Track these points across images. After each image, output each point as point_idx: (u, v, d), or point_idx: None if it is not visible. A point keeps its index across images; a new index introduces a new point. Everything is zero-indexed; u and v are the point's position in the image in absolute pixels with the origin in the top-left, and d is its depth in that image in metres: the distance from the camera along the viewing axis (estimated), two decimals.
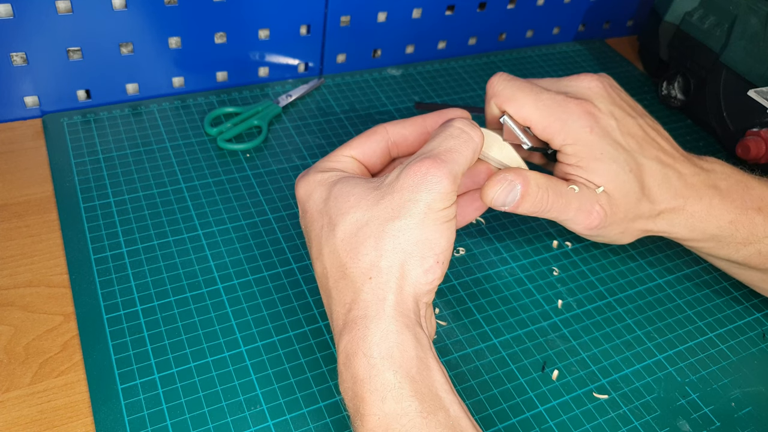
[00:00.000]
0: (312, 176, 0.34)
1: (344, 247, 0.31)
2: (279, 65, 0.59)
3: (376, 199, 0.31)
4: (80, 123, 0.51)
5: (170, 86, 0.56)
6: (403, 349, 0.29)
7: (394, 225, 0.31)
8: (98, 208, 0.45)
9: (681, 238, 0.41)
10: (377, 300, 0.30)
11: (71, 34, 0.49)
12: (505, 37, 0.69)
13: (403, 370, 0.29)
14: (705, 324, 0.44)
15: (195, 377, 0.37)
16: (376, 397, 0.28)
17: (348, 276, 0.31)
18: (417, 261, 0.31)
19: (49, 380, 0.36)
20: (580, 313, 0.44)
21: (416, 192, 0.31)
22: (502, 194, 0.35)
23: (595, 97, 0.38)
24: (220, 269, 0.43)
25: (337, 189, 0.33)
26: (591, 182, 0.37)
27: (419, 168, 0.31)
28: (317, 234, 0.33)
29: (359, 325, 0.30)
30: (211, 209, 0.46)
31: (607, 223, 0.38)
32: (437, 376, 0.30)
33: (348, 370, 0.30)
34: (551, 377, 0.39)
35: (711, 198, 0.39)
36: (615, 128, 0.38)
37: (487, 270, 0.46)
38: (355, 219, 0.31)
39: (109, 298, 0.40)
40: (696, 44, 0.59)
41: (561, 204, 0.36)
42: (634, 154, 0.38)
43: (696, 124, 0.63)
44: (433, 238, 0.31)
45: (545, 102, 0.37)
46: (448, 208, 0.31)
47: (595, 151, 0.37)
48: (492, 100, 0.38)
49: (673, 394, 0.40)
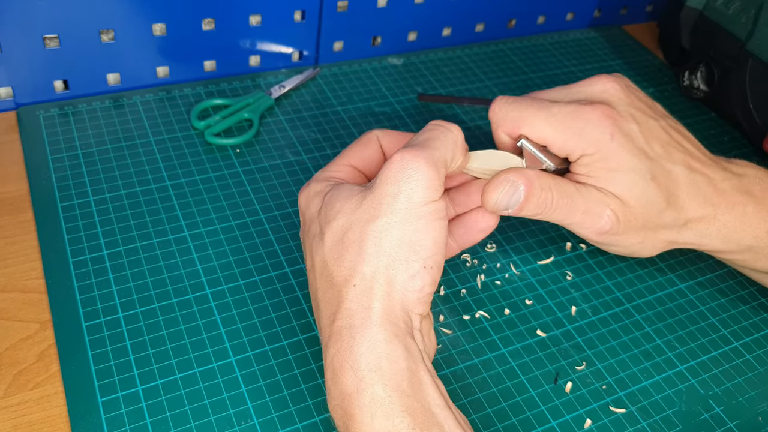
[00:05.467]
0: (312, 186, 0.36)
1: (331, 255, 0.32)
2: (271, 54, 0.59)
3: (359, 201, 0.32)
4: (57, 116, 0.52)
5: (154, 76, 0.56)
6: (392, 360, 0.29)
7: (375, 225, 0.31)
8: (77, 208, 0.45)
9: (713, 250, 0.40)
10: (362, 308, 0.30)
11: (48, 21, 0.49)
12: (514, 24, 0.69)
13: (393, 384, 0.29)
14: (730, 332, 0.44)
15: (181, 389, 0.37)
16: (365, 414, 0.29)
17: (334, 285, 0.31)
18: (401, 266, 0.31)
19: (23, 393, 0.36)
20: (596, 321, 0.44)
21: (395, 184, 0.31)
22: (504, 197, 0.35)
23: (613, 99, 0.38)
24: (208, 273, 0.43)
25: (328, 197, 0.34)
26: (604, 188, 0.37)
27: (396, 158, 0.31)
28: (310, 244, 0.34)
29: (344, 336, 0.30)
30: (199, 209, 0.47)
31: (620, 230, 0.37)
32: (430, 390, 0.30)
33: (336, 386, 0.30)
34: (564, 390, 0.40)
35: (744, 205, 0.39)
36: (638, 133, 0.37)
37: (495, 274, 0.46)
38: (340, 225, 0.32)
39: (89, 304, 0.40)
40: (720, 31, 0.59)
41: (566, 205, 0.36)
42: (660, 160, 0.37)
43: (720, 117, 0.63)
44: (416, 239, 0.31)
45: (557, 116, 0.36)
46: (434, 202, 0.31)
47: (612, 162, 0.36)
48: (499, 129, 0.38)
49: (696, 407, 0.40)
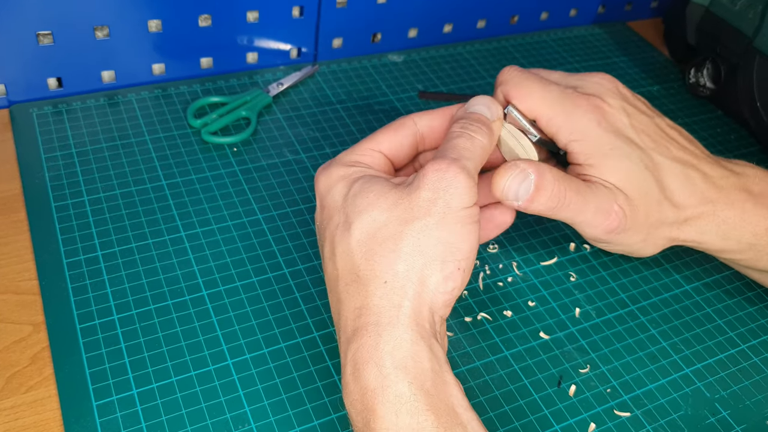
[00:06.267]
0: (334, 169, 0.35)
1: (359, 249, 0.32)
2: (269, 50, 0.59)
3: (395, 199, 0.32)
4: (51, 114, 0.51)
5: (150, 74, 0.56)
6: (417, 360, 0.30)
7: (413, 226, 0.31)
8: (71, 208, 0.45)
9: (714, 249, 0.41)
10: (392, 306, 0.30)
11: (41, 16, 0.49)
12: (517, 20, 0.69)
13: (417, 383, 0.29)
14: (737, 334, 0.44)
15: (177, 393, 0.37)
16: (389, 410, 0.29)
17: (361, 279, 0.31)
18: (437, 266, 0.31)
19: (16, 396, 0.36)
20: (600, 323, 0.44)
21: (434, 191, 0.32)
22: (514, 183, 0.35)
23: (605, 93, 0.39)
24: (205, 275, 0.43)
25: (357, 186, 0.33)
26: (606, 181, 0.37)
27: (432, 168, 0.32)
28: (332, 232, 0.33)
29: (370, 333, 0.30)
30: (195, 209, 0.47)
31: (627, 226, 0.38)
32: (454, 391, 0.30)
33: (356, 381, 0.30)
34: (568, 393, 0.40)
35: (743, 202, 0.39)
36: (627, 124, 0.38)
37: (497, 275, 0.46)
38: (372, 219, 0.32)
39: (83, 306, 0.40)
40: (727, 27, 0.59)
41: (579, 202, 0.36)
42: (650, 151, 0.38)
43: (727, 115, 0.63)
44: (454, 241, 0.31)
45: (552, 93, 0.38)
46: (470, 208, 0.32)
47: (604, 147, 0.37)
48: (499, 87, 0.39)
49: (702, 411, 0.40)
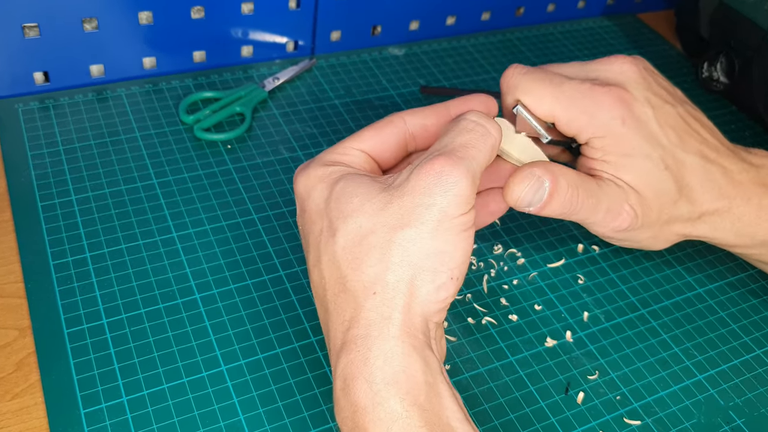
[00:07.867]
0: (313, 170, 0.34)
1: (345, 257, 0.31)
2: (265, 44, 0.59)
3: (383, 202, 0.31)
4: (37, 110, 0.51)
5: (140, 68, 0.56)
6: (410, 373, 0.29)
7: (403, 234, 0.30)
8: (58, 207, 0.45)
9: (726, 244, 0.41)
10: (381, 318, 0.30)
11: (27, 8, 0.48)
12: (523, 12, 0.69)
13: (410, 398, 0.29)
14: (752, 339, 0.44)
15: (169, 400, 0.36)
16: (380, 428, 0.28)
17: (348, 290, 0.31)
18: (428, 276, 0.30)
19: (1, 404, 0.36)
20: (609, 327, 0.44)
21: (429, 195, 0.30)
22: (529, 192, 0.35)
23: (629, 82, 0.38)
24: (198, 277, 0.42)
25: (340, 188, 0.32)
26: (619, 179, 0.37)
27: (432, 167, 0.31)
28: (315, 238, 0.33)
29: (360, 346, 0.30)
30: (187, 208, 0.46)
31: (637, 225, 0.38)
32: (449, 404, 0.30)
33: (346, 397, 0.30)
34: (576, 400, 0.39)
35: (761, 198, 0.39)
36: (651, 117, 0.38)
37: (502, 278, 0.45)
38: (358, 225, 0.31)
39: (71, 309, 0.40)
40: (741, 19, 0.59)
41: (591, 204, 0.36)
42: (674, 148, 0.38)
43: (741, 110, 0.63)
44: (447, 250, 0.31)
45: (568, 93, 0.37)
46: (466, 214, 0.31)
47: (626, 146, 0.37)
48: (507, 96, 0.38)
49: (716, 419, 0.40)
